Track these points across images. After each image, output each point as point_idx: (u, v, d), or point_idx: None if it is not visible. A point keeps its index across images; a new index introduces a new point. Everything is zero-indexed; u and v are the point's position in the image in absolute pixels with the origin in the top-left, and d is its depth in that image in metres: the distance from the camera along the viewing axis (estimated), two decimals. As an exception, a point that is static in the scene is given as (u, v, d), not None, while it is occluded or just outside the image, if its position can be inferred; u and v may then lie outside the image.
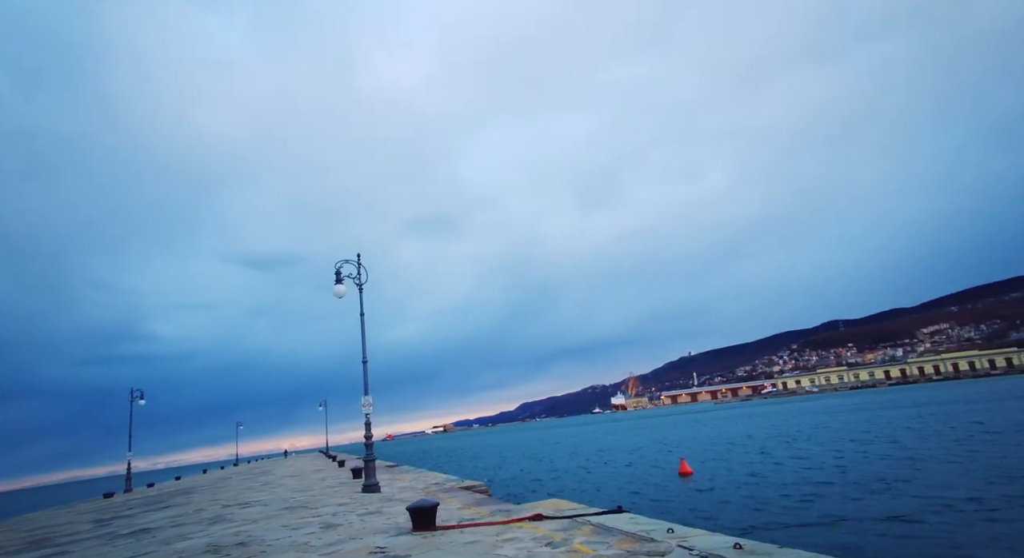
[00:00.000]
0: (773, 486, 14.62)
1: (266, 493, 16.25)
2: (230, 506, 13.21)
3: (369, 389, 14.33)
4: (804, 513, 11.02)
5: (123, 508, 16.68)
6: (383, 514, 9.46)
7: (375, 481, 13.75)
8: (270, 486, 19.28)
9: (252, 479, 25.76)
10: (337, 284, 14.55)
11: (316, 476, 22.28)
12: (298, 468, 32.88)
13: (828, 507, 11.36)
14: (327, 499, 12.92)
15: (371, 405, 14.21)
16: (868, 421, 33.67)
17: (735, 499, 13.24)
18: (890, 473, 14.56)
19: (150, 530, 10.16)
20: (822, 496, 12.61)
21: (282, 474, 27.52)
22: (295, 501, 12.96)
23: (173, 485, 30.99)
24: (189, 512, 12.67)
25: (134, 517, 13.13)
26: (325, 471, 25.75)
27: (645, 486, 16.56)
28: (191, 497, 17.72)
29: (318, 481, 19.23)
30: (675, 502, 13.63)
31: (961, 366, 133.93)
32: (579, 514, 7.59)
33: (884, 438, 22.72)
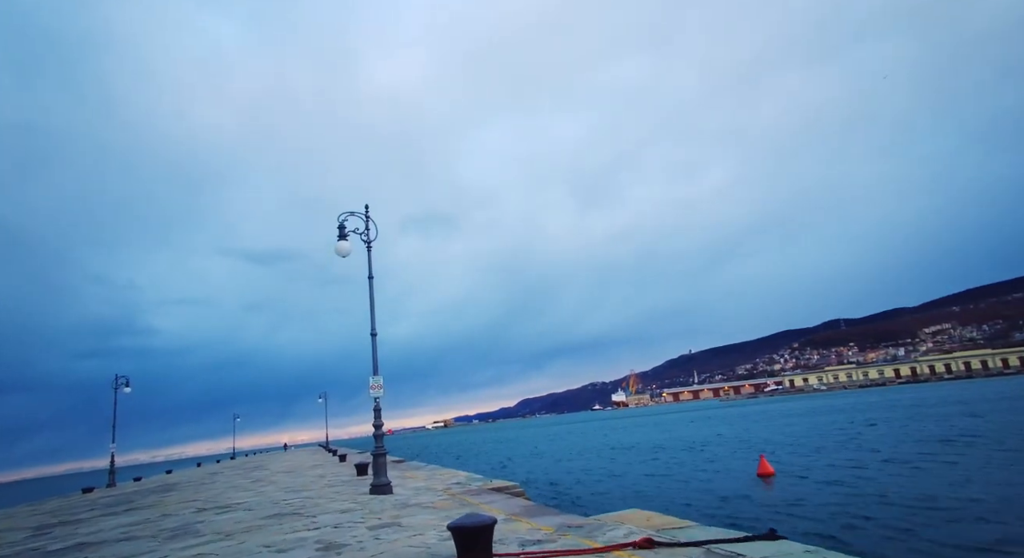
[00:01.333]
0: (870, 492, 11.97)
1: (253, 492, 13.65)
2: (205, 510, 10.61)
3: (378, 369, 11.74)
4: (961, 531, 8.38)
5: (83, 509, 14.10)
6: (403, 528, 6.85)
7: (386, 480, 11.15)
8: (260, 483, 16.71)
9: (243, 474, 23.19)
10: (340, 240, 11.93)
11: (314, 472, 19.71)
12: (295, 463, 30.33)
13: (981, 527, 8.73)
14: (326, 502, 10.32)
15: (381, 388, 11.61)
16: (913, 418, 31.07)
17: (854, 511, 10.35)
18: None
19: (87, 546, 7.56)
20: (954, 508, 9.99)
21: (277, 469, 24.95)
22: (286, 505, 10.35)
23: (158, 480, 28.45)
24: (152, 518, 10.06)
25: (84, 523, 10.54)
26: (325, 466, 23.18)
27: (721, 489, 13.77)
28: (166, 496, 15.13)
29: (316, 478, 16.65)
30: (780, 513, 10.71)
31: (973, 365, 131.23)
32: (712, 539, 4.97)
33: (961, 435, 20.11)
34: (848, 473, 14.12)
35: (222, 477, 22.65)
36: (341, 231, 11.96)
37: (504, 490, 11.30)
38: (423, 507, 8.83)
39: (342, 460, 26.27)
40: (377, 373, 11.66)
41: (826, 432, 26.76)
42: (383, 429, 11.56)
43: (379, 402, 11.52)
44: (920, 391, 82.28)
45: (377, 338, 11.89)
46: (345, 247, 11.89)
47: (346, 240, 11.95)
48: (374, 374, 11.62)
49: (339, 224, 11.99)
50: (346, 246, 11.90)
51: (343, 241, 11.90)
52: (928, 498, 10.77)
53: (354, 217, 12.24)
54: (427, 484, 12.56)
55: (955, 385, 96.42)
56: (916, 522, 9.14)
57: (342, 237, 11.93)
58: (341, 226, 11.99)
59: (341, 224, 12.00)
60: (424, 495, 10.47)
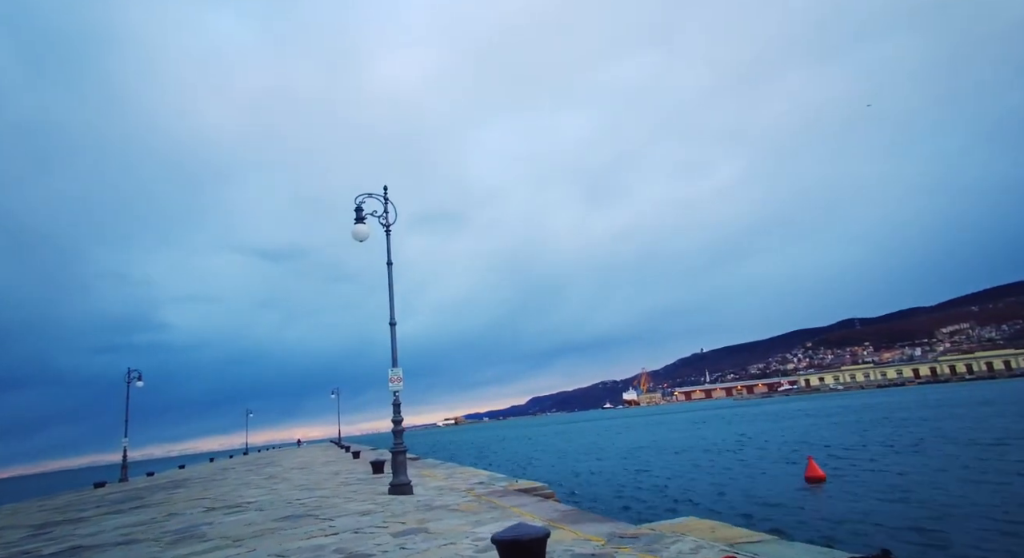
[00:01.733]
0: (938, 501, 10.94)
1: (266, 490, 13.00)
2: (215, 509, 9.95)
3: (397, 360, 11.00)
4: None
5: (90, 506, 13.56)
6: (432, 535, 6.08)
7: (406, 480, 10.41)
8: (273, 480, 16.09)
9: (255, 470, 22.66)
10: (358, 224, 11.19)
11: (328, 469, 19.09)
12: (308, 459, 29.83)
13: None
14: (343, 503, 9.60)
15: (400, 380, 10.87)
16: (947, 418, 29.78)
17: (930, 524, 9.16)
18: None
19: (83, 550, 6.89)
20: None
21: (289, 465, 24.41)
22: (300, 505, 9.65)
23: (169, 475, 28.10)
24: (158, 518, 9.41)
25: (86, 523, 9.92)
26: (338, 463, 22.58)
27: (769, 494, 12.70)
28: (175, 493, 14.56)
29: (331, 476, 15.99)
30: (846, 525, 9.64)
31: (996, 365, 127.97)
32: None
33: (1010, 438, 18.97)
34: (904, 480, 12.98)
35: (233, 473, 22.14)
36: (358, 214, 11.22)
37: (532, 491, 10.51)
38: (449, 510, 8.07)
39: (356, 457, 25.68)
40: (396, 365, 10.93)
41: (860, 433, 25.55)
42: (401, 425, 10.84)
43: (398, 396, 10.78)
44: (944, 391, 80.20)
45: (396, 328, 11.15)
46: (363, 231, 11.15)
47: (364, 223, 11.21)
48: (393, 366, 10.89)
49: (356, 206, 11.25)
50: (364, 229, 11.16)
51: (360, 224, 11.16)
52: (1004, 510, 9.78)
53: (372, 200, 11.51)
54: (448, 484, 11.82)
55: (978, 386, 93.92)
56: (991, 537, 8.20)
57: (359, 220, 11.19)
58: (358, 208, 11.24)
59: (358, 206, 11.26)
60: (447, 496, 9.72)
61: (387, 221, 11.52)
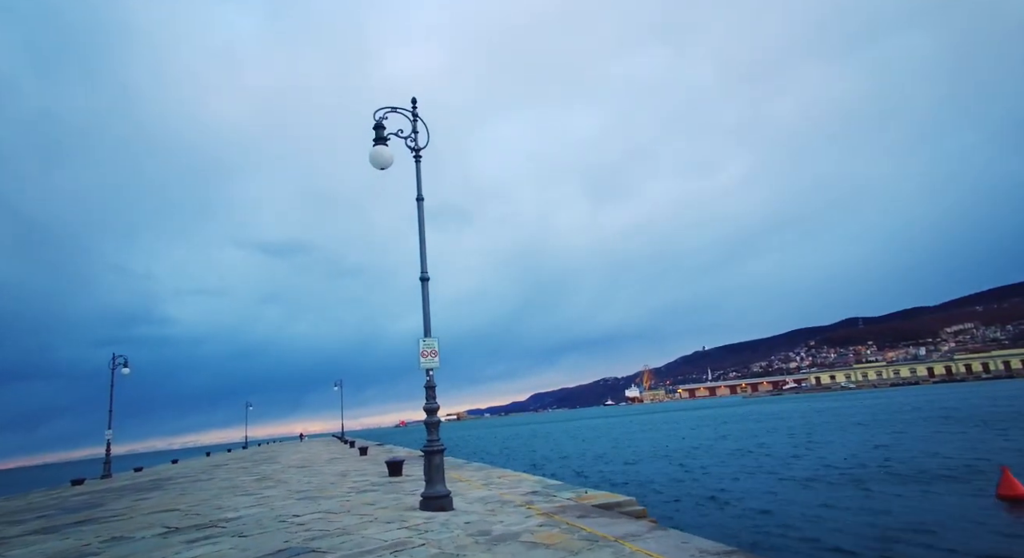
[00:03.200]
0: None
1: (255, 499, 10.20)
2: (178, 530, 7.14)
3: (431, 328, 8.17)
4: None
5: (33, 514, 10.77)
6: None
7: (444, 491, 7.56)
8: (267, 483, 13.32)
9: (249, 468, 19.91)
10: (378, 145, 8.34)
11: (333, 469, 16.32)
12: (309, 455, 27.07)
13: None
14: (360, 524, 6.78)
15: (436, 355, 8.04)
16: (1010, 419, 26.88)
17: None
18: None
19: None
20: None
21: (289, 463, 21.66)
22: (299, 528, 6.83)
23: (158, 471, 25.38)
24: (94, 544, 6.60)
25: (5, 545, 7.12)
26: (344, 460, 19.81)
27: (949, 519, 9.30)
28: (144, 499, 11.77)
29: (337, 478, 13.19)
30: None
31: (1013, 364, 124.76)
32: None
33: None
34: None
35: (223, 472, 19.38)
36: (378, 133, 8.36)
37: (615, 507, 7.68)
38: (522, 541, 5.27)
39: (363, 453, 22.92)
40: (429, 334, 8.10)
41: (979, 436, 22.19)
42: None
43: (432, 376, 7.96)
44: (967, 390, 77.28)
45: (426, 288, 8.31)
46: (385, 155, 8.29)
47: (386, 145, 8.35)
48: (425, 336, 8.06)
49: (376, 123, 8.39)
50: (386, 154, 8.30)
51: (381, 146, 8.30)
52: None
53: (397, 116, 8.63)
54: (492, 492, 9.00)
55: (997, 385, 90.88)
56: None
57: (380, 141, 8.33)
58: (378, 126, 8.38)
59: (378, 123, 8.40)
60: (505, 514, 6.91)
61: (416, 144, 8.65)
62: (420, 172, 8.60)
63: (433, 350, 8.05)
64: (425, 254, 8.37)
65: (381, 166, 8.36)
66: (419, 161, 8.64)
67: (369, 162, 8.34)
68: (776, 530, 9.52)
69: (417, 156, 8.63)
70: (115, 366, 29.10)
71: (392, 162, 8.39)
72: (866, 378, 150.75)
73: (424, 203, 8.58)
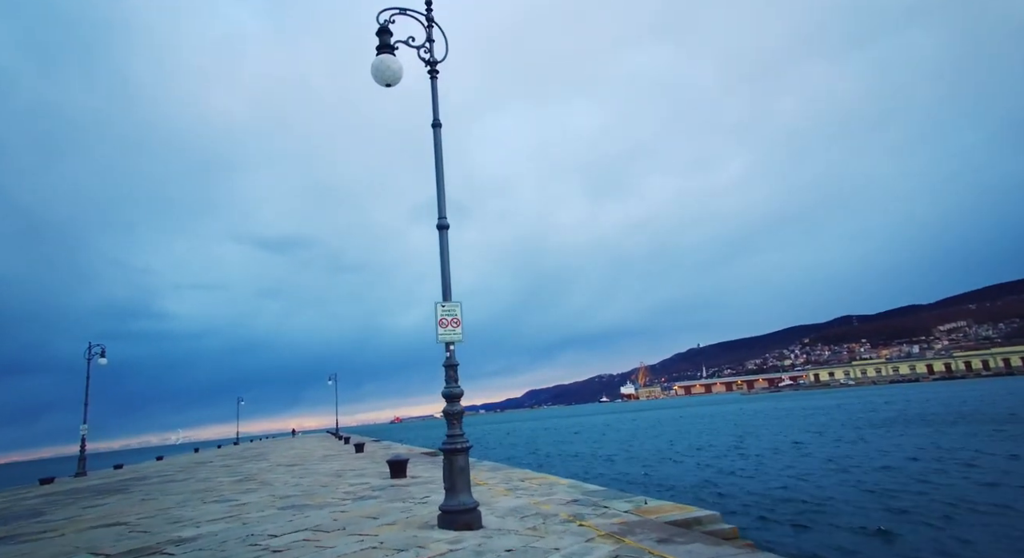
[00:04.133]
0: None
1: (227, 509, 8.33)
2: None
3: (450, 291, 6.30)
4: None
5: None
6: None
7: (470, 502, 5.69)
8: (248, 484, 11.44)
9: (233, 467, 18.02)
10: (382, 54, 6.43)
11: (327, 467, 14.45)
12: (302, 452, 25.18)
13: None
14: (362, 550, 4.92)
15: (457, 325, 6.17)
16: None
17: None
18: None
19: None
20: None
21: (278, 461, 19.77)
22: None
23: (136, 469, 23.43)
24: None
25: None
26: (339, 458, 17.94)
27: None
28: (97, 506, 9.87)
29: (331, 479, 11.33)
30: None
31: (1013, 361, 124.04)
32: None
33: None
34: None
35: (204, 471, 17.47)
36: (383, 39, 6.45)
37: (694, 524, 5.84)
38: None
39: (358, 450, 21.04)
40: (449, 297, 6.23)
41: None
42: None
43: (453, 353, 6.08)
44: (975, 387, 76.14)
45: (448, 236, 6.43)
46: (391, 67, 6.36)
47: (393, 54, 6.45)
48: (444, 299, 6.19)
49: (380, 27, 6.47)
50: (394, 66, 6.37)
51: (387, 55, 6.39)
52: None
53: (407, 19, 6.71)
54: (523, 500, 7.16)
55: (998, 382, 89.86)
56: None
57: (385, 49, 6.42)
58: (383, 30, 6.46)
59: (383, 27, 6.48)
60: (553, 534, 5.07)
61: (432, 56, 6.73)
62: (436, 91, 6.68)
63: (454, 318, 6.19)
64: (443, 194, 6.49)
65: (386, 81, 6.45)
66: (435, 78, 6.72)
67: (371, 76, 6.43)
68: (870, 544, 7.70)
69: (433, 71, 6.71)
70: (91, 356, 27.13)
71: (400, 76, 6.49)
72: (865, 375, 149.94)
73: (441, 130, 6.67)
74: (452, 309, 6.21)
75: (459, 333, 6.18)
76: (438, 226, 6.37)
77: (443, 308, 6.16)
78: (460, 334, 6.18)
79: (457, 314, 6.23)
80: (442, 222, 6.39)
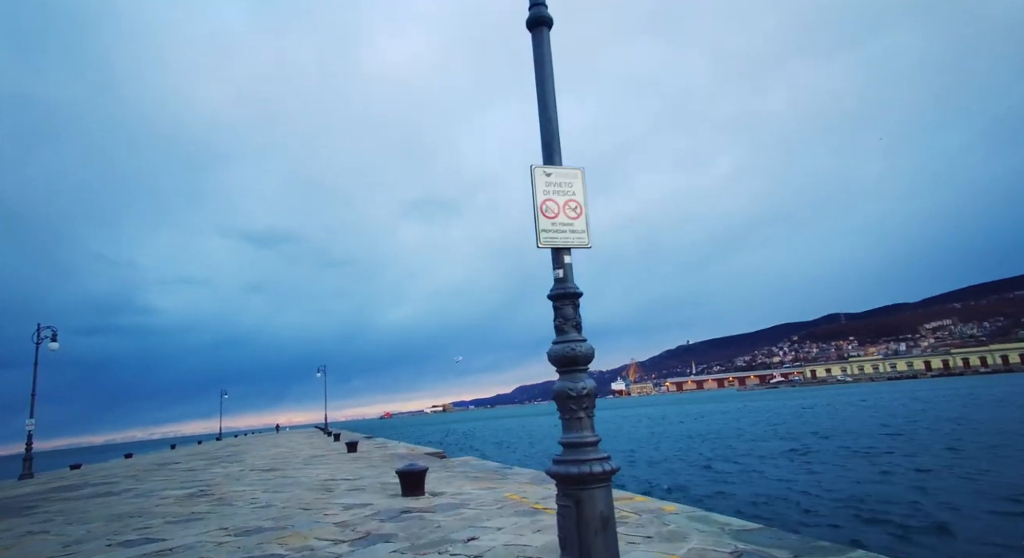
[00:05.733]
0: None
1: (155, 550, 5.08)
2: None
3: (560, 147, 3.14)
4: None
5: None
6: None
7: None
8: (201, 502, 8.21)
9: (197, 472, 14.71)
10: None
11: (313, 473, 11.22)
12: (285, 451, 21.87)
13: None
14: None
15: (580, 213, 3.02)
16: None
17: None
18: None
19: None
20: None
21: (254, 462, 16.50)
22: None
23: (87, 472, 19.97)
24: None
25: None
26: (328, 460, 14.69)
27: None
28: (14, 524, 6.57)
29: (318, 497, 8.11)
30: None
31: (1011, 358, 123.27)
32: None
33: None
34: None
35: (154, 478, 14.15)
36: None
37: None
38: None
39: (351, 450, 17.81)
40: (558, 155, 3.03)
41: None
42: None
43: (569, 273, 2.94)
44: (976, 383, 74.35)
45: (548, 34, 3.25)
46: None
47: None
48: (549, 160, 3.00)
49: None
50: None
51: None
52: None
53: None
54: (651, 553, 4.02)
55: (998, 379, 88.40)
56: None
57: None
58: None
59: None
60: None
61: None
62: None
63: (570, 201, 3.02)
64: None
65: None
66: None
67: None
68: None
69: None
70: (40, 340, 23.54)
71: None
72: (862, 371, 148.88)
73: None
74: (566, 179, 3.03)
75: (584, 234, 3.01)
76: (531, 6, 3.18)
77: (547, 177, 2.97)
78: (585, 233, 3.01)
79: (576, 191, 3.04)
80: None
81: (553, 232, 2.94)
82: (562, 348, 2.81)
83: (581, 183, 3.05)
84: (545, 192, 2.95)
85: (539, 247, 2.93)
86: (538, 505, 6.31)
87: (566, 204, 2.99)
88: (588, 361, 2.84)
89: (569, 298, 2.90)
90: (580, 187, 3.04)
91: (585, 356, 2.81)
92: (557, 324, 2.88)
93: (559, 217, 2.96)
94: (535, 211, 2.93)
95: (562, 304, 2.89)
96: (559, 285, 2.93)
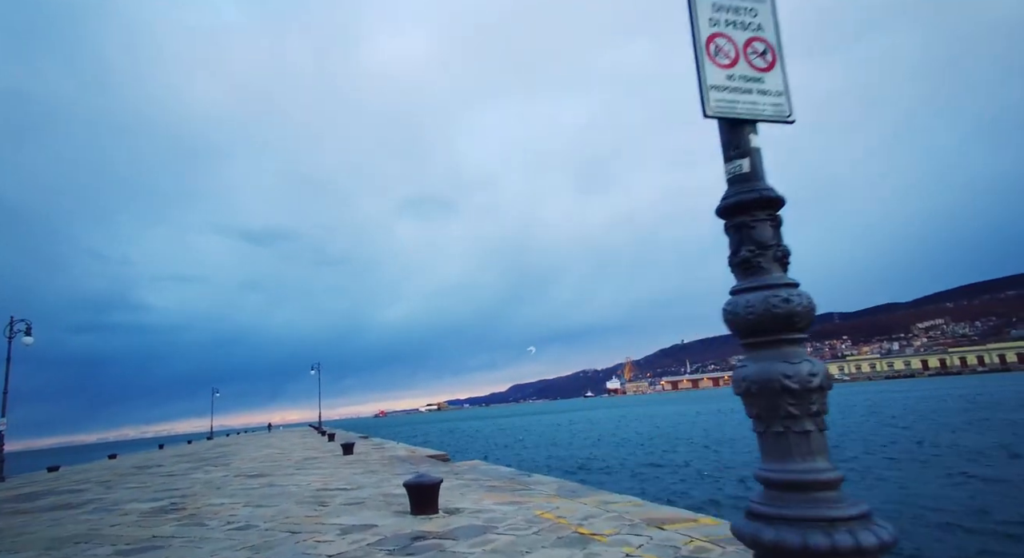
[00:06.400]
0: None
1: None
2: None
3: None
4: None
5: None
6: None
7: None
8: (170, 519, 6.86)
9: (177, 477, 13.31)
10: None
11: (303, 481, 9.86)
12: (275, 452, 20.45)
13: None
14: None
15: (771, 61, 1.72)
16: None
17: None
18: None
19: None
20: None
21: (241, 466, 15.11)
22: None
23: (60, 476, 18.51)
24: None
25: None
26: (323, 463, 13.32)
27: None
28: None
29: (310, 513, 6.77)
30: None
31: (1009, 357, 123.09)
32: None
33: None
34: None
35: (127, 485, 12.75)
36: None
37: None
38: None
39: (347, 452, 16.43)
40: None
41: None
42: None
43: (757, 159, 1.62)
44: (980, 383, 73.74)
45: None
46: None
47: None
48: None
49: None
50: None
51: None
52: None
53: None
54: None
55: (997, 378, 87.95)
56: None
57: None
58: None
59: None
60: None
61: None
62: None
63: (759, 42, 1.67)
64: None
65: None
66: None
67: None
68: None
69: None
70: (13, 334, 22.03)
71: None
72: (860, 370, 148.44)
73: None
74: (747, 3, 1.68)
75: (778, 92, 1.66)
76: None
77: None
78: (783, 97, 1.66)
79: (764, 25, 1.70)
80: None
81: (731, 92, 1.61)
82: (763, 298, 1.48)
83: (771, 13, 1.73)
84: (713, 22, 1.63)
85: (706, 116, 1.61)
86: (583, 530, 5.01)
87: (749, 44, 1.67)
88: (808, 323, 1.51)
89: (763, 206, 1.57)
90: (770, 19, 1.72)
91: (805, 313, 1.49)
92: (744, 256, 1.56)
93: (737, 65, 1.64)
94: (697, 55, 1.61)
95: (751, 219, 1.57)
96: (741, 186, 1.61)
